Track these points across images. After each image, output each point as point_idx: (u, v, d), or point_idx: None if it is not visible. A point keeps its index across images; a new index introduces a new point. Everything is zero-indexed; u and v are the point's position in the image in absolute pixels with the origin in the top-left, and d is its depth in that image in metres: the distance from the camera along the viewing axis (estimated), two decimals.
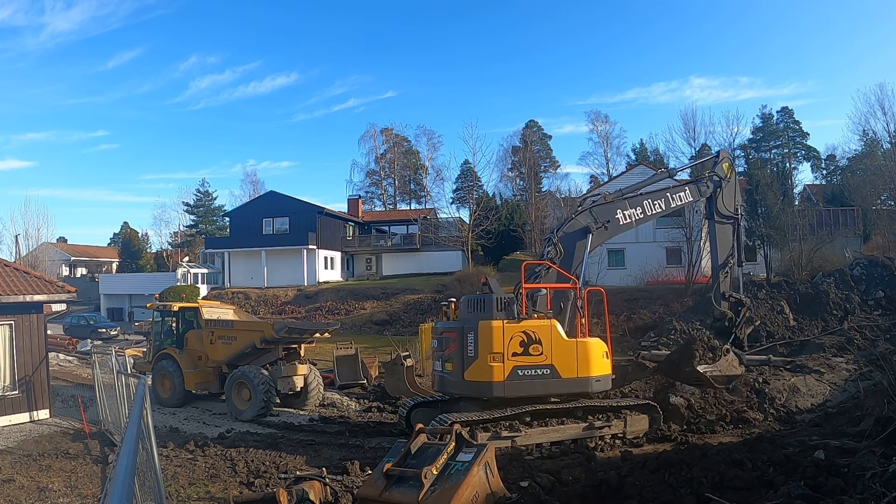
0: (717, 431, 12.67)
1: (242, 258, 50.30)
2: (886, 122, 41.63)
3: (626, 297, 31.83)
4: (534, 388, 11.44)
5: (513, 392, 11.37)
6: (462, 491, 7.01)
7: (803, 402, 14.24)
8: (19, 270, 16.53)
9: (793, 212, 34.19)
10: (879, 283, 22.19)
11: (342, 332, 25.92)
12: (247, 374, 15.49)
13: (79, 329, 36.70)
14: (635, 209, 14.28)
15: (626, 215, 14.09)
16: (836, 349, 18.13)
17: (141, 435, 4.41)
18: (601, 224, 13.41)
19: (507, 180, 76.82)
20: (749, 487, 6.96)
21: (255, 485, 9.66)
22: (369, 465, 9.81)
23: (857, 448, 8.11)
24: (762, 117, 74.17)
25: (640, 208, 14.33)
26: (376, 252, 56.66)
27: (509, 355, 11.19)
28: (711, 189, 15.37)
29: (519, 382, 11.26)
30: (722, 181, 15.41)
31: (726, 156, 15.91)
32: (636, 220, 14.32)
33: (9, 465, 11.17)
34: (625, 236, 40.18)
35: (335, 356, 20.08)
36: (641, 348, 21.10)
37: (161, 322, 18.97)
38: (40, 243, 54.88)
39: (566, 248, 13.08)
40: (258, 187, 76.48)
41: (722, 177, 15.44)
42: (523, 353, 11.26)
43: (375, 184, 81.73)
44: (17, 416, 15.13)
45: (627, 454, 10.22)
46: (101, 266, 72.32)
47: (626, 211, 14.13)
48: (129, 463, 3.02)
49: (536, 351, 11.30)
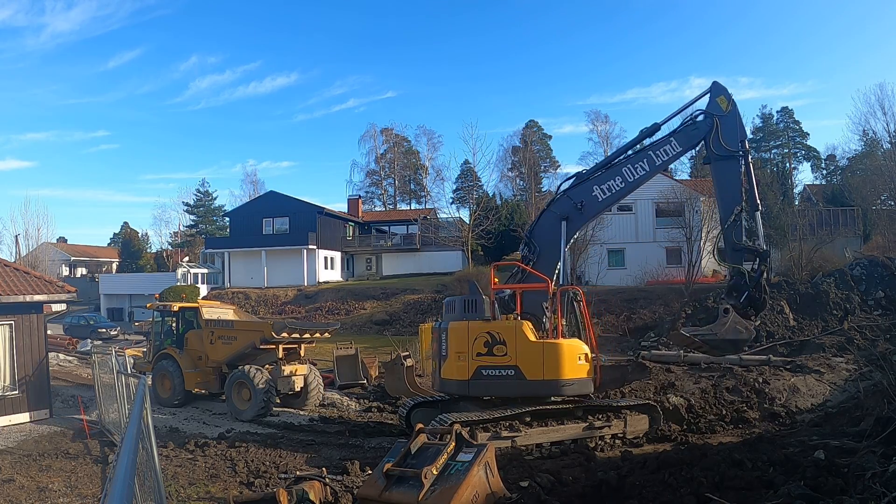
0: (717, 431, 12.68)
1: (242, 258, 50.29)
2: (886, 122, 41.64)
3: (626, 297, 31.84)
4: (498, 389, 11.53)
5: (477, 391, 11.59)
6: (462, 491, 7.01)
7: (803, 402, 14.25)
8: (19, 270, 16.54)
9: (793, 212, 34.19)
10: (879, 283, 22.20)
11: (342, 332, 25.90)
12: (247, 374, 15.49)
13: (79, 329, 36.69)
14: (614, 180, 12.81)
15: (603, 189, 12.74)
16: (836, 349, 18.15)
17: (141, 435, 4.41)
18: (577, 206, 12.49)
19: (507, 180, 76.85)
20: (749, 487, 6.96)
21: (255, 485, 9.67)
22: (369, 465, 9.81)
23: (857, 448, 8.11)
24: (762, 117, 74.34)
25: (620, 177, 12.81)
26: (376, 252, 56.65)
27: (473, 355, 11.41)
28: (705, 130, 12.95)
29: (483, 382, 11.44)
30: (717, 117, 12.90)
31: (722, 88, 13.24)
32: (617, 193, 12.81)
33: (9, 465, 11.17)
34: (625, 236, 40.60)
35: (335, 356, 20.07)
36: (641, 348, 21.13)
37: (161, 322, 18.96)
38: (40, 243, 54.92)
39: (542, 245, 12.64)
40: (258, 187, 76.58)
41: (717, 112, 12.95)
42: (487, 353, 11.41)
43: (375, 184, 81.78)
44: (17, 416, 15.13)
45: (627, 454, 10.22)
46: (101, 266, 72.30)
47: (604, 185, 12.75)
48: (129, 463, 3.02)
49: (500, 352, 11.37)
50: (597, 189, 12.74)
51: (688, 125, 13.09)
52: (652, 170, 12.93)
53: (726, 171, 12.90)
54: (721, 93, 13.14)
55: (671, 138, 13.04)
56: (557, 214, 12.67)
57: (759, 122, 73.93)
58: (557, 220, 12.63)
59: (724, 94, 13.12)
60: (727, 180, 12.89)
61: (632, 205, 41.53)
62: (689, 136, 13.04)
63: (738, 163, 12.86)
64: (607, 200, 12.86)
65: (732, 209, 12.55)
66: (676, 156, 13.22)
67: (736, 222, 12.51)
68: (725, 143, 12.80)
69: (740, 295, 12.24)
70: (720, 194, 13.03)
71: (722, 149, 12.76)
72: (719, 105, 13.01)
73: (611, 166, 13.04)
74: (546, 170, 79.85)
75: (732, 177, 12.88)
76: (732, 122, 12.97)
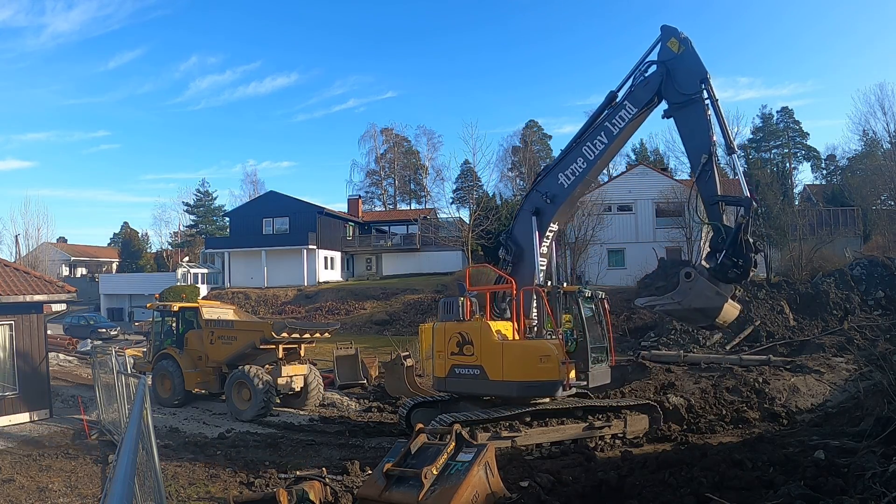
0: (717, 431, 12.67)
1: (242, 258, 50.29)
2: (886, 122, 41.74)
3: (626, 297, 31.81)
4: (467, 387, 11.95)
5: (453, 388, 12.15)
6: (462, 491, 7.01)
7: (803, 402, 14.25)
8: (19, 270, 16.53)
9: (793, 212, 34.19)
10: (879, 283, 22.22)
11: (342, 332, 25.90)
12: (247, 374, 15.49)
13: (79, 329, 36.68)
14: (576, 162, 12.34)
15: (567, 175, 12.39)
16: (836, 349, 18.15)
17: (141, 435, 4.41)
18: (545, 198, 12.41)
19: (507, 180, 76.78)
20: (749, 487, 6.96)
21: (255, 485, 9.66)
22: (369, 465, 9.81)
23: (857, 448, 8.11)
24: (762, 117, 74.22)
25: (581, 157, 12.31)
26: (376, 252, 56.65)
27: (448, 354, 11.97)
28: (657, 81, 11.64)
29: (456, 380, 11.95)
30: (667, 63, 11.54)
31: (671, 29, 11.68)
32: (580, 174, 12.30)
33: (9, 465, 11.16)
34: (625, 236, 40.63)
35: (335, 356, 20.07)
36: (641, 348, 21.13)
37: (161, 322, 18.97)
38: (40, 243, 54.92)
39: (523, 244, 12.73)
40: (258, 187, 76.54)
41: (669, 58, 11.54)
42: (459, 352, 11.88)
43: (375, 184, 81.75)
44: (17, 416, 15.12)
45: (627, 454, 10.22)
46: (101, 266, 72.30)
47: (567, 170, 12.41)
48: (128, 463, 3.02)
49: (469, 351, 11.78)
50: (561, 176, 12.48)
51: (638, 82, 11.97)
52: (611, 141, 12.05)
53: (687, 118, 11.43)
54: (671, 35, 11.68)
55: (625, 102, 12.02)
56: (529, 210, 12.73)
57: (760, 121, 73.90)
58: (530, 216, 12.66)
59: (674, 35, 11.65)
60: (689, 128, 11.42)
61: (632, 205, 41.59)
62: (642, 94, 11.83)
63: (701, 105, 11.23)
64: (573, 184, 12.38)
65: (700, 158, 11.05)
66: (634, 119, 11.98)
67: (706, 172, 10.97)
68: (681, 89, 11.39)
69: (719, 256, 10.54)
70: (686, 145, 11.63)
71: (678, 95, 11.42)
72: (671, 49, 11.59)
73: (572, 149, 12.50)
74: None
75: (694, 123, 11.33)
76: (688, 62, 11.44)
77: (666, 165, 56.68)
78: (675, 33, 11.56)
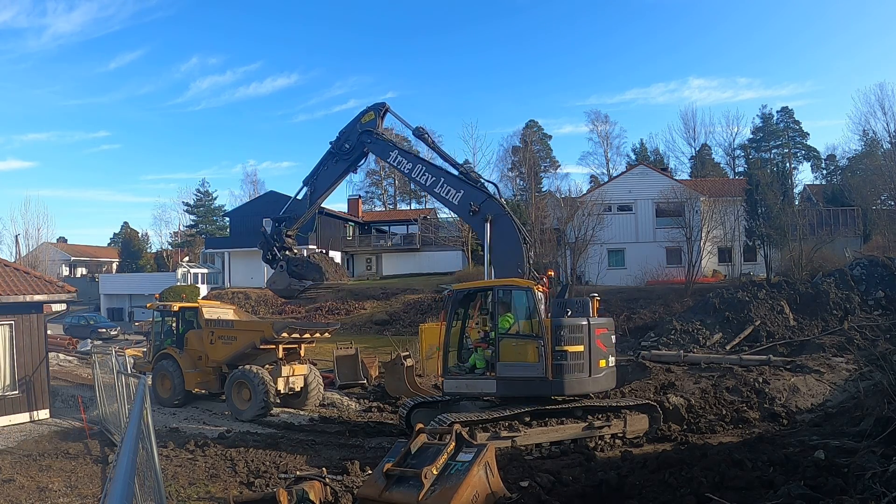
0: (717, 431, 12.66)
1: (242, 258, 50.22)
2: (886, 122, 41.76)
3: (626, 297, 31.84)
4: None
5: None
6: (462, 491, 7.01)
7: (803, 402, 14.24)
8: (19, 270, 16.53)
9: (793, 212, 34.17)
10: (879, 283, 22.20)
11: (342, 332, 25.90)
12: (247, 374, 15.49)
13: (79, 329, 36.67)
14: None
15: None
16: (836, 349, 18.13)
17: (141, 435, 4.41)
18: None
19: (508, 180, 76.45)
20: (749, 487, 6.95)
21: (255, 485, 9.66)
22: (369, 465, 9.81)
23: (857, 448, 8.10)
24: (762, 117, 74.20)
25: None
26: (376, 252, 56.64)
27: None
28: (354, 154, 15.25)
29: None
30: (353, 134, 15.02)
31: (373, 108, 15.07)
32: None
33: (9, 465, 11.17)
34: (625, 236, 40.62)
35: (335, 356, 20.07)
36: (641, 348, 21.13)
37: (161, 322, 18.97)
38: (40, 243, 54.91)
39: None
40: (258, 187, 76.50)
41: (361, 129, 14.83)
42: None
43: (375, 184, 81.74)
44: (17, 416, 15.13)
45: (627, 454, 10.21)
46: (101, 266, 72.28)
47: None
48: (128, 463, 3.02)
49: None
50: None
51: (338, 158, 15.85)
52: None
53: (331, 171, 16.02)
54: (370, 112, 15.14)
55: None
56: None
57: (760, 121, 73.87)
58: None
59: (373, 112, 15.07)
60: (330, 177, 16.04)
61: (632, 205, 41.58)
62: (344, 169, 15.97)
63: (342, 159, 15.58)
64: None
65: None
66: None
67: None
68: (345, 145, 15.26)
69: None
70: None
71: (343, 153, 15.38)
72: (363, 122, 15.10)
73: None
74: (546, 170, 79.78)
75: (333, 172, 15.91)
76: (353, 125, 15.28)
77: (666, 165, 56.71)
78: (375, 110, 15.11)
